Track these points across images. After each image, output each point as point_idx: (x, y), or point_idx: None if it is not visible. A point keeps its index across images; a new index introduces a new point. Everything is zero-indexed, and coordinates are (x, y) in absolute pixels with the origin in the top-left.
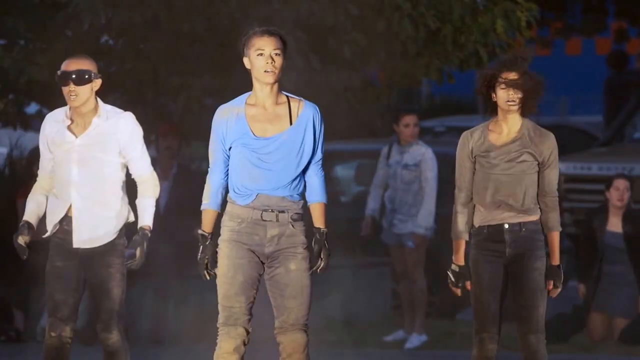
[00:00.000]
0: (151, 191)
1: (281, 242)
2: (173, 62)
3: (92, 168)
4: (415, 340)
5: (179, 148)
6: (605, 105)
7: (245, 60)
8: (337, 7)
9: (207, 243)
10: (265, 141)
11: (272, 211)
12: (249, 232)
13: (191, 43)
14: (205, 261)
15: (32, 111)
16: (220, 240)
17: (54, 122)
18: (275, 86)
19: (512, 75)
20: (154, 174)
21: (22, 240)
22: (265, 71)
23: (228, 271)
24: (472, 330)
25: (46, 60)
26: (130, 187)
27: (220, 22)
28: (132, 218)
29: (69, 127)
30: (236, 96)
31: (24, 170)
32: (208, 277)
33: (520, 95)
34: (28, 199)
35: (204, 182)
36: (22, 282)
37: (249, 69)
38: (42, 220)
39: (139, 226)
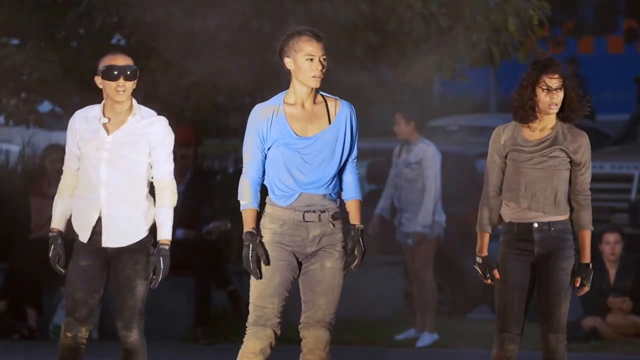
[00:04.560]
0: (169, 200)
1: (322, 241)
2: (185, 60)
3: (122, 167)
4: (427, 338)
5: (195, 156)
6: None
7: (288, 61)
8: (349, 5)
9: (258, 240)
10: (307, 141)
11: (314, 212)
12: (291, 233)
13: (203, 41)
14: (258, 258)
15: (45, 109)
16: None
17: (85, 118)
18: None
19: (556, 78)
20: (174, 182)
21: (60, 267)
22: (313, 76)
23: (266, 272)
24: (495, 329)
25: (58, 58)
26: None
27: (232, 20)
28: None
29: (104, 125)
30: (248, 95)
31: (36, 168)
32: (260, 275)
33: (561, 98)
34: (55, 200)
35: (216, 182)
36: (35, 280)
37: (289, 69)
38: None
39: (157, 239)
